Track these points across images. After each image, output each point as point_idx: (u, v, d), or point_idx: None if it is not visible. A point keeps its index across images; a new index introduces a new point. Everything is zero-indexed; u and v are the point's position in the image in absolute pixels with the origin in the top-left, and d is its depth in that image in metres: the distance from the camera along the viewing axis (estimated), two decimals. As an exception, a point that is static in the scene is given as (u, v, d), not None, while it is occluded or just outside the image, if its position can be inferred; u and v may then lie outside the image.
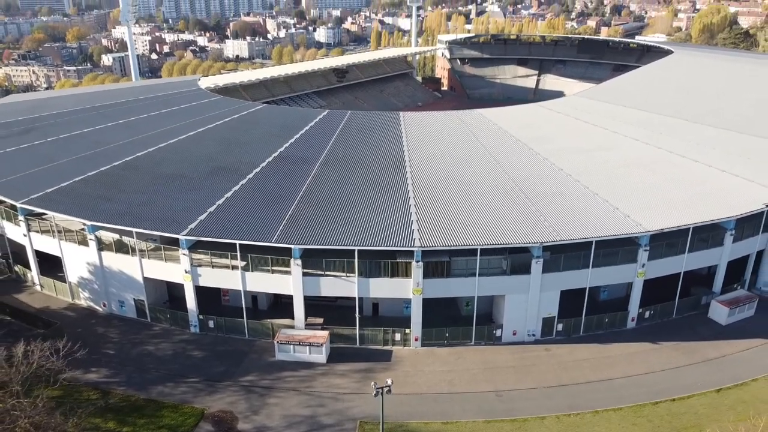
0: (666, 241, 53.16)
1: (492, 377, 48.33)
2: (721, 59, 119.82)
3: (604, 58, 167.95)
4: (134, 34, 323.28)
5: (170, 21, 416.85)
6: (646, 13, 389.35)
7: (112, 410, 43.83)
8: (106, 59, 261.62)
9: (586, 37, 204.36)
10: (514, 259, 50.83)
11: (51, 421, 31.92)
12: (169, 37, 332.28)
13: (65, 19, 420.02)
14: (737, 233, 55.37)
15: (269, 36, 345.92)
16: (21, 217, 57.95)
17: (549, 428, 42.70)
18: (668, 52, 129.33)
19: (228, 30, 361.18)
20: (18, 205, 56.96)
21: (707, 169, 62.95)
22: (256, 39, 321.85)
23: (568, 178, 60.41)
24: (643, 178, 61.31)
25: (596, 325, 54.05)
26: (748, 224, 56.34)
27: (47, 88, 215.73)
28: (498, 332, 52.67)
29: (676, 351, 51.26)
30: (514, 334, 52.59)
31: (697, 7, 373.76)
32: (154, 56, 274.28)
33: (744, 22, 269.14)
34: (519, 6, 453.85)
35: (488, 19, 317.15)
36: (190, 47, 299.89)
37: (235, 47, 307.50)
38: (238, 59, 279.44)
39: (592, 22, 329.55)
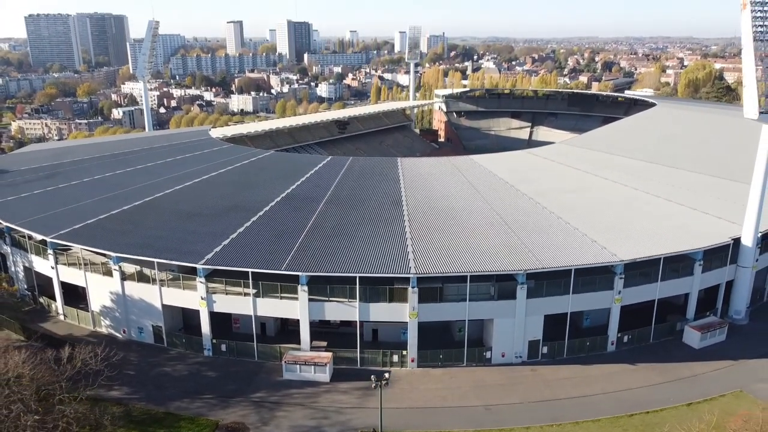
0: (640, 270, 58.43)
1: (482, 394, 52.64)
2: (699, 111, 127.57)
3: (594, 111, 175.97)
4: (142, 89, 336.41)
5: (177, 77, 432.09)
6: (635, 69, 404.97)
7: (135, 421, 48.00)
8: (116, 113, 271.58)
9: (576, 91, 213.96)
10: (501, 286, 55.91)
11: (90, 415, 36.38)
12: (177, 92, 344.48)
13: (76, 75, 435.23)
14: (706, 264, 60.66)
15: (273, 91, 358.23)
16: (50, 251, 63.23)
17: (534, 438, 46.82)
18: (653, 105, 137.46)
19: (233, 85, 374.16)
20: (48, 239, 62.33)
21: (679, 208, 68.76)
22: (261, 94, 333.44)
23: (550, 214, 66.07)
24: (620, 215, 67.06)
25: (578, 348, 58.63)
26: (716, 256, 61.63)
27: (59, 140, 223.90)
28: (488, 354, 57.20)
29: (651, 371, 55.66)
30: (503, 355, 57.11)
31: (685, 63, 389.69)
32: (162, 110, 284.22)
33: (730, 78, 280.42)
34: (514, 63, 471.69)
35: (483, 75, 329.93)
36: (197, 102, 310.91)
37: (240, 102, 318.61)
38: (243, 113, 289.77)
39: (583, 78, 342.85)
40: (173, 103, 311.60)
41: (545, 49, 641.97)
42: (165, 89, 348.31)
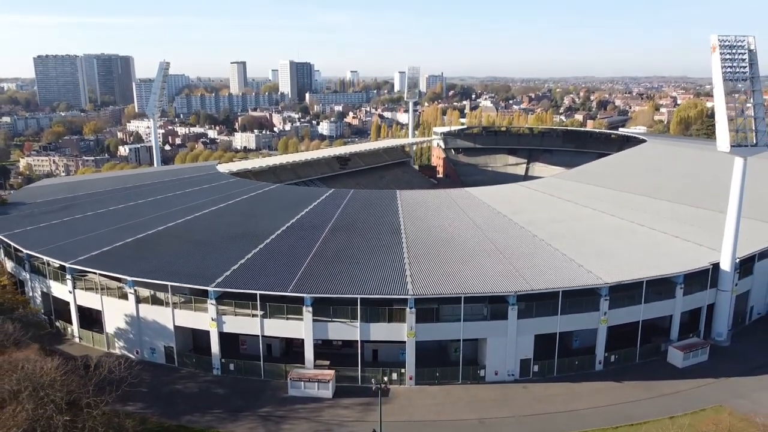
0: (625, 293, 62.16)
1: (475, 408, 55.79)
2: (686, 147, 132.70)
3: (588, 148, 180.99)
4: (149, 127, 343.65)
5: (181, 116, 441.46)
6: (630, 107, 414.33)
7: (150, 432, 51.14)
8: (123, 150, 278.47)
9: (570, 128, 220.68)
10: (493, 307, 59.60)
11: (115, 419, 39.74)
12: (181, 130, 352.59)
13: (82, 114, 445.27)
14: (687, 287, 64.49)
15: (275, 129, 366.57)
16: (69, 276, 67.05)
17: (524, 447, 49.86)
18: (643, 141, 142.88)
19: (236, 124, 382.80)
20: (67, 265, 66.25)
21: (662, 236, 72.85)
22: (263, 132, 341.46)
23: (540, 242, 70.11)
24: (606, 242, 71.14)
25: (568, 367, 61.94)
26: (697, 280, 65.46)
27: (67, 176, 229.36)
28: (482, 372, 60.50)
29: (636, 388, 58.86)
30: (496, 373, 60.39)
31: (678, 102, 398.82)
32: (167, 147, 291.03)
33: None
34: (511, 102, 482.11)
35: (481, 113, 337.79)
36: (201, 139, 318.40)
37: (243, 139, 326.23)
38: (246, 150, 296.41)
39: (579, 116, 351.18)
40: (178, 141, 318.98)
41: (542, 88, 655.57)
42: (170, 127, 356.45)
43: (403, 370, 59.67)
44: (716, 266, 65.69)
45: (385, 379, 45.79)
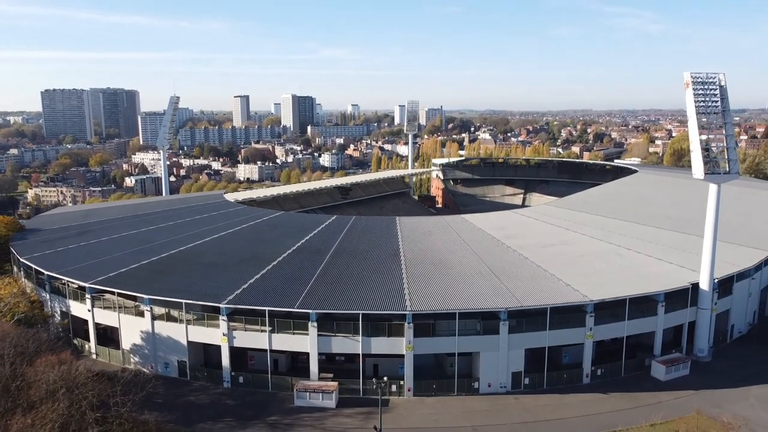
0: (609, 310, 66.47)
1: (470, 417, 59.62)
2: (676, 177, 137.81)
3: (583, 179, 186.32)
4: (154, 159, 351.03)
5: (185, 148, 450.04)
6: (625, 140, 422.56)
7: (166, 439, 54.96)
8: (129, 181, 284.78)
9: (566, 159, 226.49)
10: (486, 323, 63.85)
11: (140, 417, 43.85)
12: (186, 162, 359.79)
13: (88, 146, 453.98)
14: (669, 306, 68.86)
15: (278, 161, 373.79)
16: (88, 295, 71.43)
17: (514, 450, 53.64)
18: (635, 172, 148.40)
19: (240, 156, 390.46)
20: (87, 285, 70.74)
21: (647, 258, 77.43)
22: (266, 163, 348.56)
23: (531, 264, 74.64)
24: (592, 264, 75.69)
25: (557, 380, 65.91)
26: (678, 299, 69.85)
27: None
28: (476, 384, 64.42)
29: (621, 399, 62.73)
30: (489, 386, 64.30)
31: (673, 134, 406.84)
32: (172, 178, 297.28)
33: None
34: (509, 134, 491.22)
35: (479, 146, 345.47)
36: (206, 170, 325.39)
37: (246, 171, 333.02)
38: (249, 181, 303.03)
39: (575, 148, 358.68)
40: (182, 172, 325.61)
41: (540, 121, 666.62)
42: (174, 159, 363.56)
43: (402, 382, 63.66)
44: (696, 286, 70.10)
45: (385, 379, 49.77)
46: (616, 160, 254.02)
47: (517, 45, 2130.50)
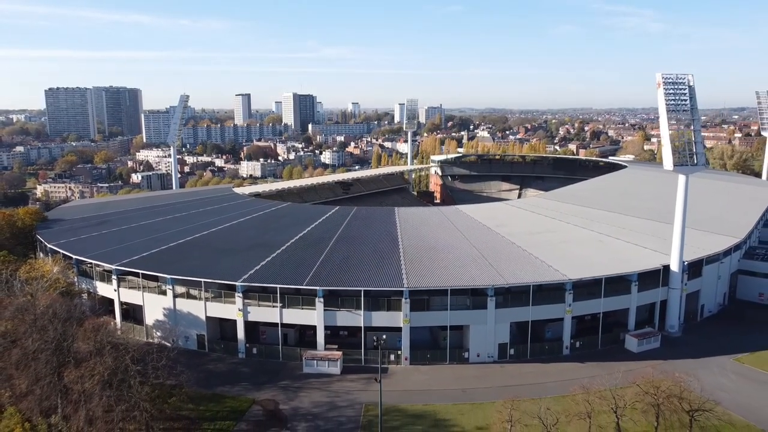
0: (587, 289, 73.62)
1: (460, 382, 66.84)
2: (662, 172, 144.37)
3: (577, 175, 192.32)
4: (158, 156, 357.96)
5: (188, 146, 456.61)
6: (622, 138, 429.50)
7: (190, 398, 61.93)
8: (135, 177, 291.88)
9: (560, 156, 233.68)
10: (475, 299, 71.05)
11: (164, 383, 51.28)
12: (189, 159, 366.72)
13: (92, 144, 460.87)
14: (642, 285, 76.09)
15: (280, 158, 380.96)
16: (114, 277, 78.54)
17: (497, 408, 60.47)
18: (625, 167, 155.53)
19: (242, 153, 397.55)
20: (114, 267, 77.87)
21: (625, 244, 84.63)
22: (268, 161, 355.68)
23: (518, 248, 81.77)
24: (574, 248, 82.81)
25: (539, 351, 73.15)
26: (650, 279, 76.99)
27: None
28: (466, 354, 71.62)
29: (597, 368, 69.75)
30: (478, 356, 71.48)
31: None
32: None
33: (709, 145, 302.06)
34: (507, 132, 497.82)
35: (478, 143, 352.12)
36: (209, 167, 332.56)
37: (249, 168, 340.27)
38: (252, 178, 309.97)
39: (572, 146, 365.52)
40: (186, 169, 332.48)
41: (539, 119, 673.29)
42: (178, 156, 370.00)
43: (399, 353, 70.82)
44: (667, 267, 77.20)
45: (384, 336, 57.31)
46: (610, 157, 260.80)
47: (518, 44, 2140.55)
